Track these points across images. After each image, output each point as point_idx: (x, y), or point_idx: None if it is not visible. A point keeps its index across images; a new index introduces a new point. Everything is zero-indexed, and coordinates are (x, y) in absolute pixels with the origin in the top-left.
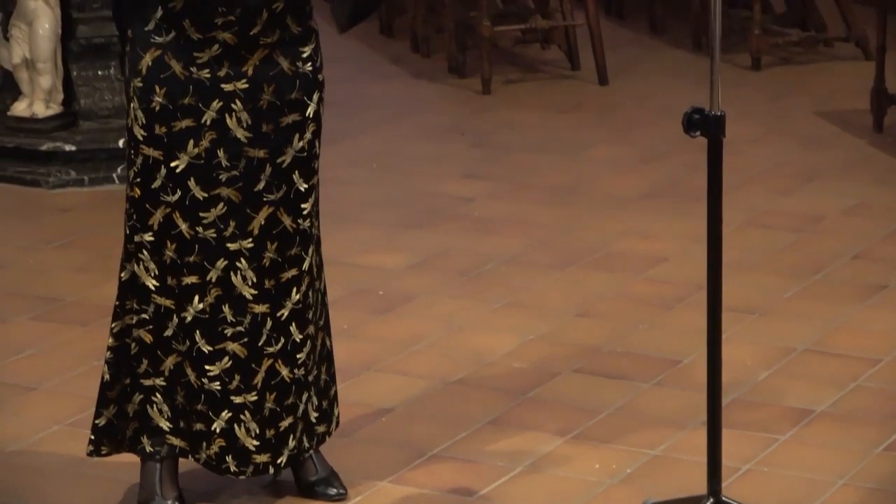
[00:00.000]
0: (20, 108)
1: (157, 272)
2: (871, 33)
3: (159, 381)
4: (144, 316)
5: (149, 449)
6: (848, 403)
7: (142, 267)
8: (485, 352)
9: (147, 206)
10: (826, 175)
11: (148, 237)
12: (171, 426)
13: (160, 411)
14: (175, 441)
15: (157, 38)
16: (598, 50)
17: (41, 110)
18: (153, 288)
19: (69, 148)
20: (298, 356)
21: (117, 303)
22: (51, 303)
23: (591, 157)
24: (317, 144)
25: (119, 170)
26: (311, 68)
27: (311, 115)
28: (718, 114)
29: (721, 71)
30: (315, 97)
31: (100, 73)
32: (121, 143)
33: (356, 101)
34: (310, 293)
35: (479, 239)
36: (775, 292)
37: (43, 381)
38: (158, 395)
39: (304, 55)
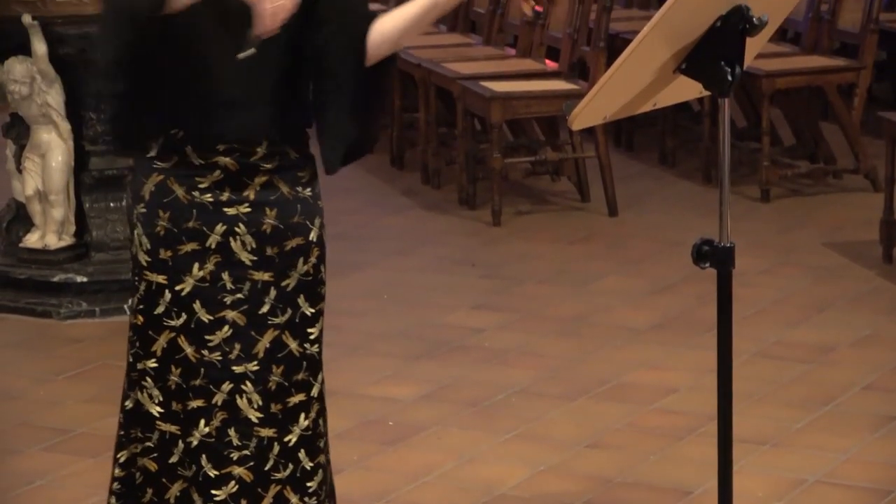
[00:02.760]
0: (32, 240)
1: (160, 399)
2: (880, 165)
3: None
4: (149, 444)
5: None
6: None
7: (145, 394)
8: (495, 483)
9: (150, 332)
10: (836, 306)
11: (151, 364)
12: None
13: None
14: None
15: (159, 163)
16: (607, 182)
17: (53, 242)
18: (157, 415)
19: (81, 279)
20: (309, 485)
21: (121, 432)
22: (61, 434)
23: (602, 288)
24: (322, 269)
25: (131, 301)
26: (310, 193)
27: (314, 240)
28: (728, 245)
29: (730, 203)
30: (317, 222)
31: (112, 204)
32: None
33: (367, 233)
34: (320, 421)
35: (490, 370)
36: (786, 423)
37: None
38: None
39: (304, 180)
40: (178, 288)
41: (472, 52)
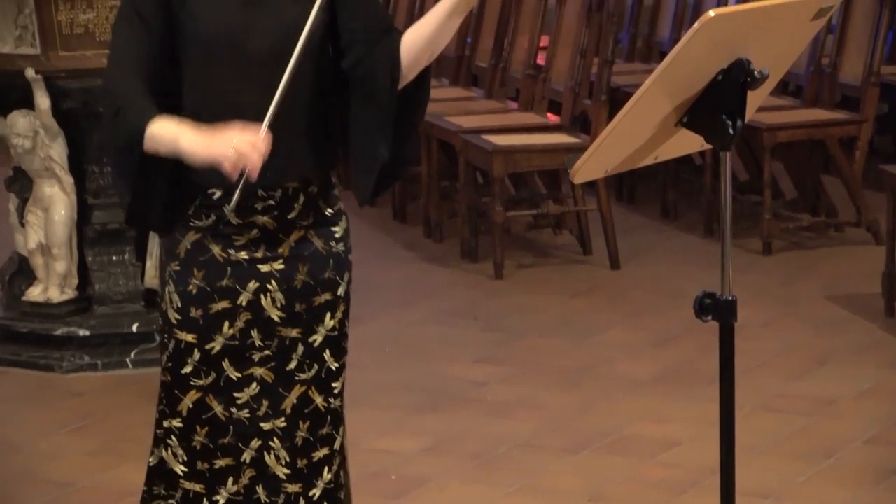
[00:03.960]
0: (35, 293)
1: (185, 458)
2: (882, 218)
3: None
4: (172, 502)
5: None
6: None
7: (170, 452)
8: None
9: (176, 391)
10: (838, 359)
11: (177, 423)
12: None
13: None
14: None
15: (196, 221)
16: (609, 235)
17: (56, 295)
18: (181, 473)
19: (83, 333)
20: None
21: (145, 488)
22: (64, 487)
23: (604, 340)
24: (346, 324)
25: (133, 354)
26: (343, 248)
27: (342, 295)
28: (730, 298)
29: (732, 255)
30: (346, 277)
31: (114, 258)
32: (134, 327)
33: (370, 286)
34: (341, 473)
35: (492, 422)
36: (788, 476)
37: None
38: None
39: (337, 235)
40: (207, 347)
41: (473, 105)
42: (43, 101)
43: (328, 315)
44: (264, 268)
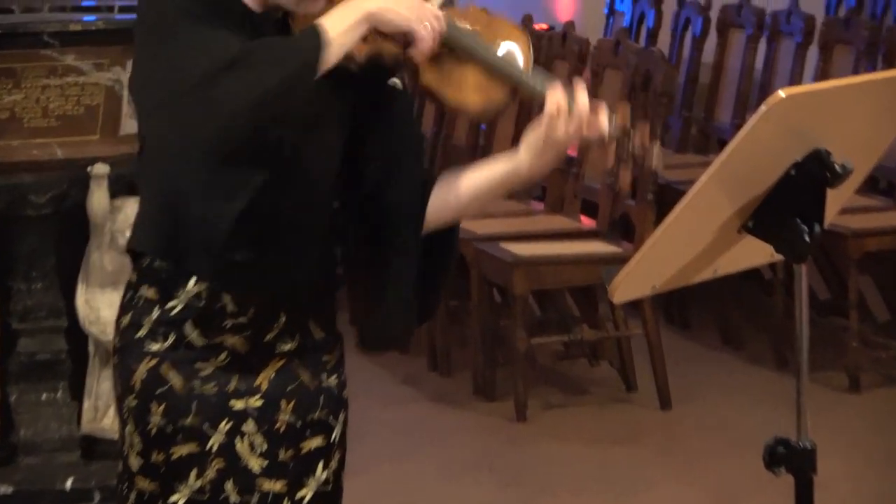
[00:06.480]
0: None
1: None
2: None
3: None
4: None
5: None
6: None
7: None
8: None
9: None
10: None
11: None
12: None
13: None
14: None
15: (151, 345)
16: (658, 367)
17: None
18: None
19: (5, 490)
20: None
21: None
22: None
23: (651, 499)
24: (342, 476)
25: None
26: (335, 382)
27: (336, 440)
28: (808, 446)
29: (811, 393)
30: (341, 417)
31: (44, 396)
32: (69, 483)
33: (362, 430)
34: None
35: None
36: None
37: None
38: None
39: (329, 366)
40: (171, 500)
41: (489, 207)
42: None
43: (320, 465)
44: (238, 404)
